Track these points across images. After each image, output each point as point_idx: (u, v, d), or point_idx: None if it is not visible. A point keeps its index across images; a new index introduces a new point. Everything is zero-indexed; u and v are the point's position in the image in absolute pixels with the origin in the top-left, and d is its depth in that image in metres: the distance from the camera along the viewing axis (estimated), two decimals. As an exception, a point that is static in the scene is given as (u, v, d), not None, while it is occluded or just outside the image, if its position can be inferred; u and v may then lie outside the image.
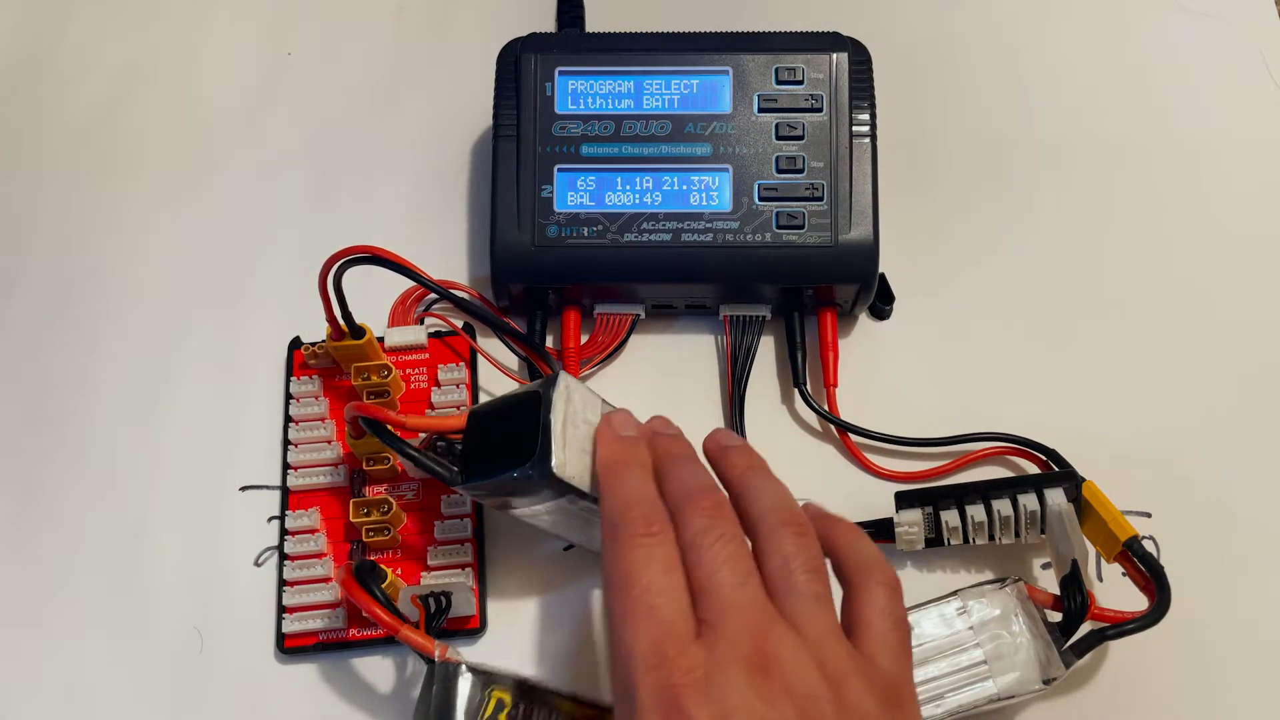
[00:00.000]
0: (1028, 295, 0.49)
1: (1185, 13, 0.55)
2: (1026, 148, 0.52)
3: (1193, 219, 0.50)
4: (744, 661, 0.29)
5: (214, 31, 0.55)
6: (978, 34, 0.55)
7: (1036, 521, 0.42)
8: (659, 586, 0.30)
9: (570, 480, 0.35)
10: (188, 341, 0.49)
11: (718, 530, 0.31)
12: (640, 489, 0.33)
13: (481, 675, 0.37)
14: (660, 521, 0.32)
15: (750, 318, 0.47)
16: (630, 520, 0.31)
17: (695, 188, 0.45)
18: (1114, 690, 0.42)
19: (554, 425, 0.35)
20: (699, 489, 0.33)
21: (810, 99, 0.45)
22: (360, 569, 0.38)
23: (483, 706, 0.36)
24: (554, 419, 0.35)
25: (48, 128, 0.53)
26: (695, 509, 0.32)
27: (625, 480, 0.33)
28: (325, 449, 0.45)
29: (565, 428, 0.36)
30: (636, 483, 0.33)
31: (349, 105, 0.53)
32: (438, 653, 0.37)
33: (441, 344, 0.47)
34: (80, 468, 0.46)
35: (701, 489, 0.33)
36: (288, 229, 0.51)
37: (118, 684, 0.43)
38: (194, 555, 0.45)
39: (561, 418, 0.36)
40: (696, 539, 0.31)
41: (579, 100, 0.46)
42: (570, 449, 0.35)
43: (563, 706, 0.38)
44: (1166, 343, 0.48)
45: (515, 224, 0.45)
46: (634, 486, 0.33)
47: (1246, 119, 0.52)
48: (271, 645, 0.43)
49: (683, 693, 0.28)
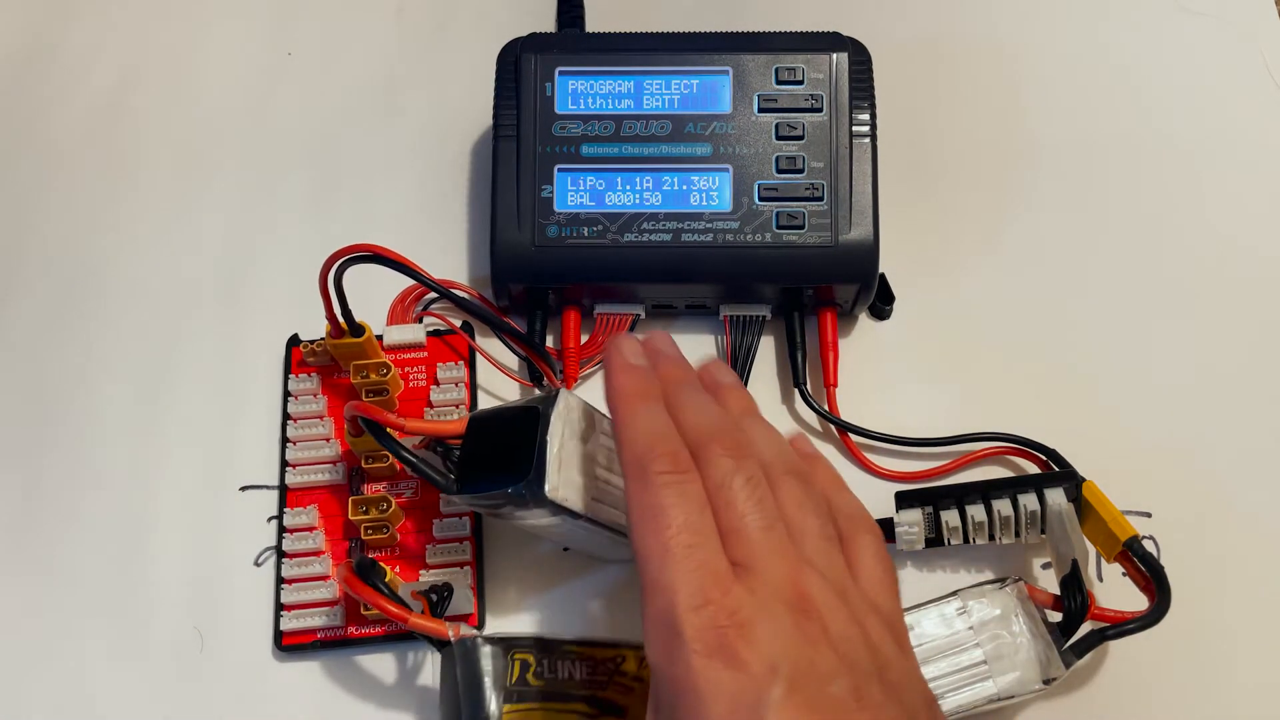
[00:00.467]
0: (1028, 295, 0.49)
1: (1185, 13, 0.55)
2: (1026, 148, 0.52)
3: (1193, 219, 0.50)
4: (786, 603, 0.29)
5: (214, 31, 0.55)
6: (978, 34, 0.55)
7: (1036, 521, 0.42)
8: (695, 526, 0.30)
9: (565, 504, 0.35)
10: (187, 339, 0.49)
11: (744, 473, 0.31)
12: (662, 424, 0.32)
13: (500, 643, 0.37)
14: (687, 459, 0.31)
15: (750, 318, 0.47)
16: (658, 457, 0.31)
17: (695, 188, 0.45)
18: (1114, 690, 0.42)
19: (550, 447, 0.35)
20: (720, 429, 0.33)
21: (810, 99, 0.45)
22: (361, 565, 0.38)
23: (508, 671, 0.36)
24: (551, 440, 0.35)
25: (48, 127, 0.53)
26: (719, 450, 0.32)
27: (645, 414, 0.33)
28: (324, 447, 0.45)
29: (563, 448, 0.36)
30: (659, 418, 0.33)
31: (349, 105, 0.53)
32: (452, 633, 0.37)
33: (441, 343, 0.47)
34: (80, 467, 0.46)
35: (722, 429, 0.33)
36: (288, 228, 0.51)
37: (118, 683, 0.43)
38: (194, 555, 0.45)
39: (559, 438, 0.35)
40: (725, 480, 0.31)
41: (579, 100, 0.46)
42: (566, 471, 0.35)
43: (583, 652, 0.38)
44: (1166, 343, 0.48)
45: (515, 224, 0.45)
46: (656, 421, 0.32)
47: (1246, 119, 0.52)
48: (270, 643, 0.43)
49: (730, 634, 0.28)
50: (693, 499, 0.30)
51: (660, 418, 0.33)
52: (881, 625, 0.31)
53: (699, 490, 0.31)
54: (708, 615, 0.28)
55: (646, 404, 0.33)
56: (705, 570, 0.29)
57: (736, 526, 0.30)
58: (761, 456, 0.33)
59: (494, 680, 0.36)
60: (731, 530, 0.30)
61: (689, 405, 0.33)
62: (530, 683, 0.36)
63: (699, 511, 0.30)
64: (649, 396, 0.33)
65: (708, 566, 0.29)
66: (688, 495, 0.30)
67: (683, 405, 0.33)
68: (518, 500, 0.35)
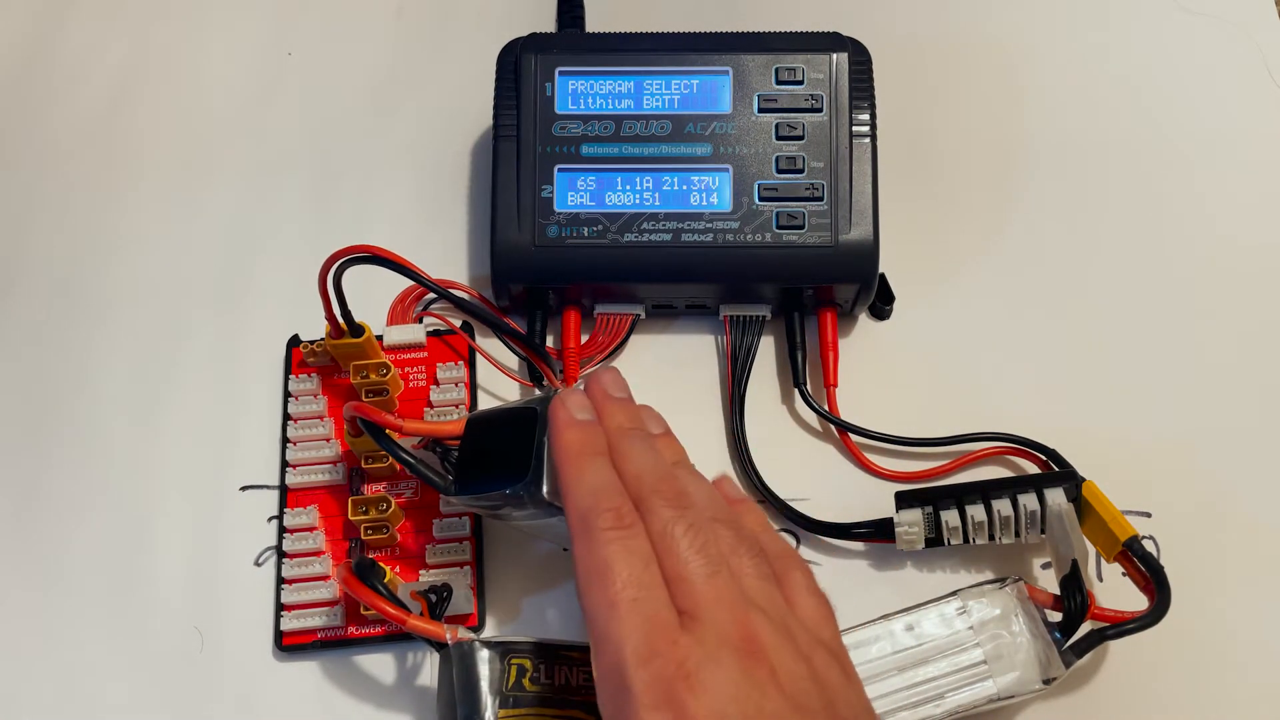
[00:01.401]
0: (1027, 295, 0.49)
1: (1185, 13, 0.55)
2: (1026, 147, 0.52)
3: (1193, 219, 0.50)
4: (733, 649, 0.29)
5: (214, 31, 0.55)
6: (978, 34, 0.54)
7: (1036, 521, 0.42)
8: (640, 580, 0.30)
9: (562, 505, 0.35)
10: (187, 340, 0.49)
11: (685, 520, 0.32)
12: (605, 479, 0.33)
13: (498, 647, 0.37)
14: (631, 513, 0.32)
15: (750, 318, 0.47)
16: (602, 513, 0.32)
17: (695, 188, 0.45)
18: (1114, 690, 0.42)
19: (548, 448, 0.35)
20: (658, 477, 0.33)
21: (810, 99, 0.45)
22: (360, 566, 0.38)
23: (505, 676, 0.36)
24: (549, 441, 0.35)
25: (48, 127, 0.53)
26: (659, 500, 0.32)
27: (588, 471, 0.33)
28: (324, 447, 0.45)
29: None
30: (602, 473, 0.33)
31: (349, 105, 0.53)
32: (449, 636, 0.37)
33: (440, 343, 0.47)
34: (80, 467, 0.46)
35: (660, 477, 0.33)
36: (288, 228, 0.51)
37: (118, 683, 0.43)
38: (194, 555, 0.45)
39: None
40: (666, 529, 0.32)
41: (579, 100, 0.46)
42: None
43: (580, 658, 0.38)
44: (1166, 342, 0.48)
45: (515, 224, 0.45)
46: (599, 477, 0.33)
47: (1246, 119, 0.52)
48: (270, 643, 0.43)
49: (678, 685, 0.28)
50: (637, 553, 0.31)
51: (604, 473, 0.33)
52: (827, 655, 0.31)
53: (644, 545, 0.31)
54: (655, 668, 0.29)
55: (590, 460, 0.34)
56: (652, 623, 0.29)
57: (681, 574, 0.31)
58: (696, 504, 0.33)
59: (490, 684, 0.36)
60: (677, 577, 0.31)
61: (631, 455, 0.34)
62: (527, 688, 0.36)
63: (644, 565, 0.31)
64: (593, 453, 0.34)
65: (654, 619, 0.30)
66: (632, 550, 0.31)
67: (625, 455, 0.34)
68: (515, 501, 0.35)
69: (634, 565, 0.31)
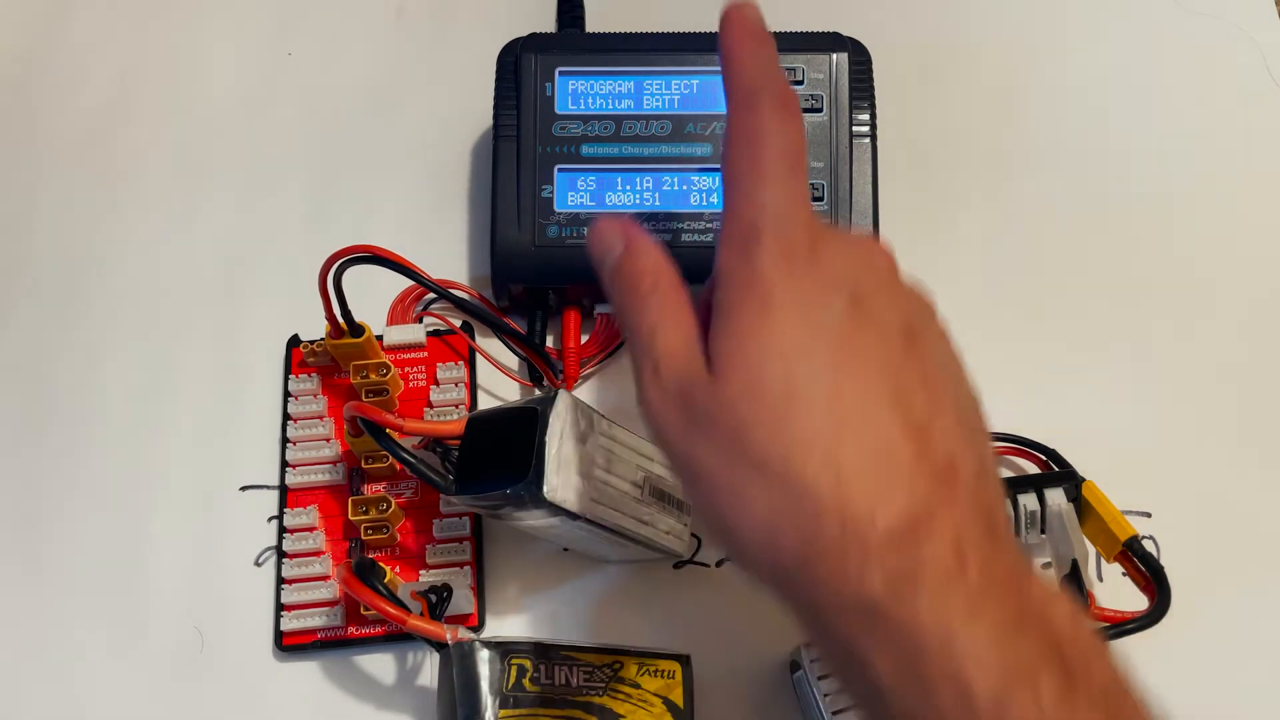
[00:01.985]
0: (1027, 295, 0.49)
1: (1185, 13, 0.55)
2: (1026, 148, 0.52)
3: (1193, 218, 0.50)
4: (861, 244, 0.31)
5: (214, 32, 0.55)
6: (978, 34, 0.54)
7: (1036, 521, 0.42)
8: (793, 158, 0.31)
9: (563, 504, 0.35)
10: (187, 340, 0.49)
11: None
12: (776, 67, 0.32)
13: (498, 647, 0.37)
14: (796, 104, 0.32)
15: (750, 317, 0.47)
16: (772, 92, 0.31)
17: (695, 188, 0.45)
18: (1114, 690, 0.42)
19: (549, 448, 0.35)
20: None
21: (810, 99, 0.45)
22: (360, 566, 0.38)
23: (505, 676, 0.36)
24: (549, 441, 0.35)
25: (48, 127, 0.53)
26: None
27: (765, 52, 0.32)
28: (324, 447, 0.45)
29: (561, 449, 0.36)
30: (774, 61, 0.32)
31: (349, 105, 0.53)
32: (449, 636, 0.37)
33: (440, 342, 0.47)
34: (80, 467, 0.46)
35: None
36: (288, 228, 0.51)
37: (118, 683, 0.43)
38: (194, 555, 0.45)
39: (558, 439, 0.36)
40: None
41: (579, 100, 0.46)
42: (564, 472, 0.36)
43: (581, 658, 0.38)
44: (1166, 343, 0.48)
45: (515, 224, 0.45)
46: (773, 62, 0.32)
47: (1246, 119, 0.52)
48: (270, 643, 0.43)
49: (805, 246, 0.29)
50: (794, 136, 0.31)
51: (776, 62, 0.33)
52: (935, 318, 0.33)
53: (800, 134, 0.31)
54: (790, 227, 0.29)
55: (766, 48, 0.33)
56: (794, 196, 0.30)
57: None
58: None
59: (490, 685, 0.36)
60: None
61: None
62: (527, 688, 0.37)
63: (797, 148, 0.31)
64: (767, 43, 0.33)
65: (797, 193, 0.30)
66: (790, 131, 0.31)
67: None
68: (516, 501, 0.35)
69: (790, 142, 0.31)
